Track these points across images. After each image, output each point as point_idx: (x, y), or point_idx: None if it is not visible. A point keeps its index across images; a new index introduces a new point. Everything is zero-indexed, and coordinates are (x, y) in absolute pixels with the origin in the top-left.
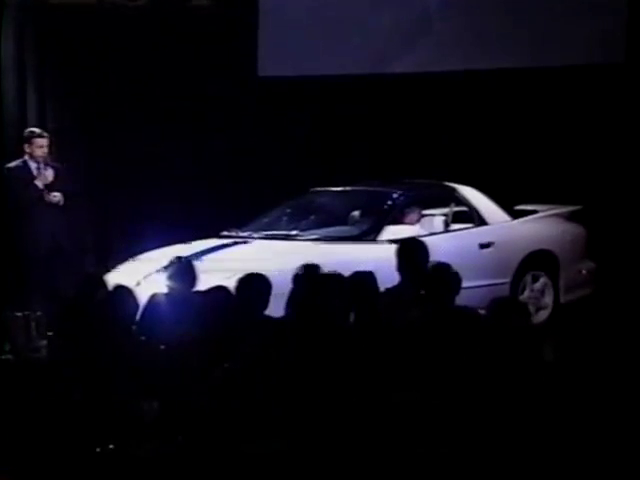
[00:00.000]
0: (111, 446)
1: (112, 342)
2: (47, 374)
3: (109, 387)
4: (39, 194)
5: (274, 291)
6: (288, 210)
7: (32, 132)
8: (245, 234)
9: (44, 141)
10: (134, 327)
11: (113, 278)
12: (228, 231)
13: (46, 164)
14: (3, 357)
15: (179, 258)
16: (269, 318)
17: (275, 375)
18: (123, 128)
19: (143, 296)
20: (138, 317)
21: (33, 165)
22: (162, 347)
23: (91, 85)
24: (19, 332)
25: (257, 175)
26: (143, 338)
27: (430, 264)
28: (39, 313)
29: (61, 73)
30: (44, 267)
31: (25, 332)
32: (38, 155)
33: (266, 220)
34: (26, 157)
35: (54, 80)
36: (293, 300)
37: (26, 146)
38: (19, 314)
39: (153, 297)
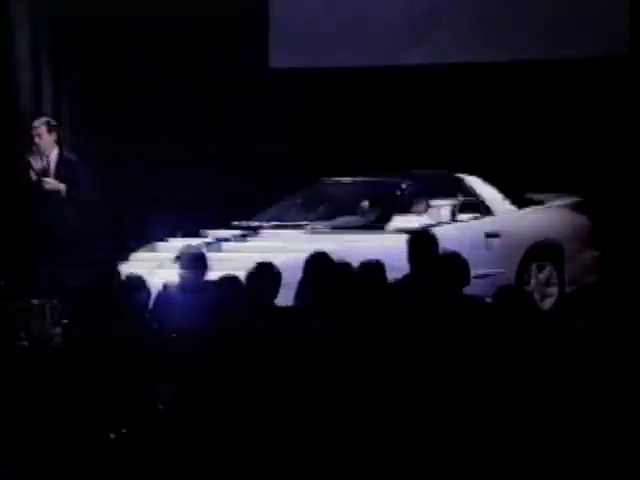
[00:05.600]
0: (124, 430)
1: (125, 329)
2: (61, 361)
3: (122, 374)
4: (34, 183)
5: (284, 280)
6: (298, 200)
7: (30, 125)
8: (255, 224)
9: (36, 131)
10: (147, 315)
11: (126, 267)
12: (239, 221)
13: (42, 153)
14: (19, 343)
15: (191, 248)
16: (279, 307)
17: (285, 363)
18: (138, 119)
19: (155, 285)
20: (151, 305)
21: (36, 156)
22: (174, 335)
23: (106, 76)
24: (34, 319)
25: (268, 165)
26: (155, 326)
27: (441, 252)
28: (54, 301)
29: (76, 65)
30: (46, 254)
31: (40, 319)
32: (33, 145)
33: (276, 210)
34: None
35: (69, 72)
36: (303, 289)
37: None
38: (35, 301)
39: (165, 286)
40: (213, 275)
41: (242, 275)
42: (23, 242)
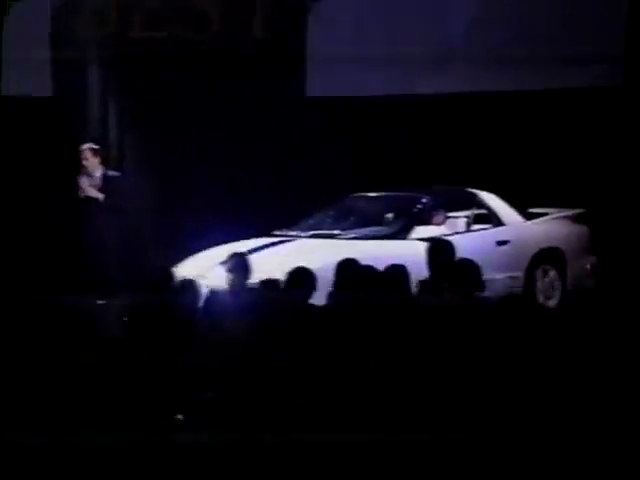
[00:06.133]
0: (179, 416)
1: (179, 326)
2: (124, 354)
3: (177, 364)
4: (81, 197)
5: (318, 282)
6: (331, 212)
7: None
8: (294, 233)
9: (83, 155)
10: (198, 314)
11: (180, 271)
12: (279, 230)
13: (89, 173)
14: (83, 339)
15: (237, 254)
16: (313, 306)
17: (318, 357)
18: (190, 142)
19: (205, 287)
20: (201, 305)
21: (84, 175)
22: (221, 331)
23: (162, 105)
24: (102, 317)
25: (305, 183)
26: (206, 323)
27: (457, 259)
28: (118, 301)
29: (137, 98)
30: (100, 259)
31: (107, 317)
32: (82, 166)
33: (312, 221)
34: None
35: (132, 105)
36: (335, 291)
37: None
38: (102, 301)
39: (214, 288)
40: (256, 278)
41: (282, 278)
42: (80, 249)
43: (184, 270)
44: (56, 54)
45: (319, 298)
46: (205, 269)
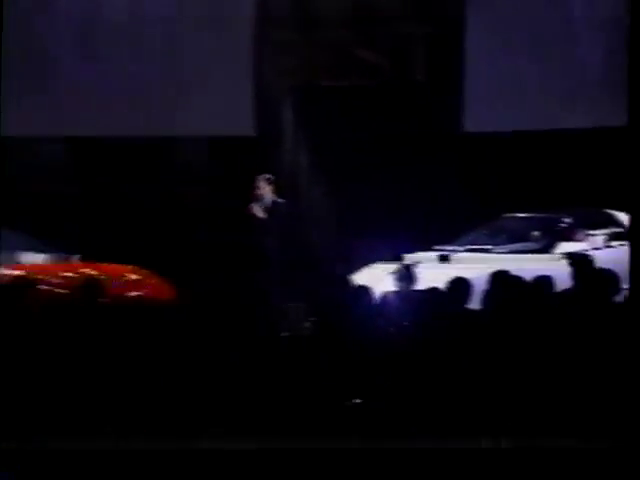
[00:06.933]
0: (357, 400)
1: (354, 325)
2: (309, 348)
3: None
4: (255, 219)
5: (474, 290)
6: (485, 231)
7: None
8: (452, 248)
9: (258, 184)
10: (371, 314)
11: (356, 279)
12: (440, 246)
13: (261, 200)
14: (282, 335)
15: (404, 265)
16: (469, 311)
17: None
18: (362, 173)
19: (378, 293)
20: (377, 307)
21: (257, 201)
22: (391, 329)
23: (338, 141)
24: (292, 317)
25: (463, 204)
26: (381, 322)
27: (597, 270)
28: (303, 304)
29: (319, 134)
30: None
31: (296, 317)
32: (257, 194)
33: (469, 238)
34: None
35: (314, 139)
36: (488, 298)
37: None
38: (292, 305)
39: (385, 294)
40: (421, 286)
41: (442, 286)
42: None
43: (361, 278)
44: (258, 97)
45: (475, 304)
46: (378, 278)
